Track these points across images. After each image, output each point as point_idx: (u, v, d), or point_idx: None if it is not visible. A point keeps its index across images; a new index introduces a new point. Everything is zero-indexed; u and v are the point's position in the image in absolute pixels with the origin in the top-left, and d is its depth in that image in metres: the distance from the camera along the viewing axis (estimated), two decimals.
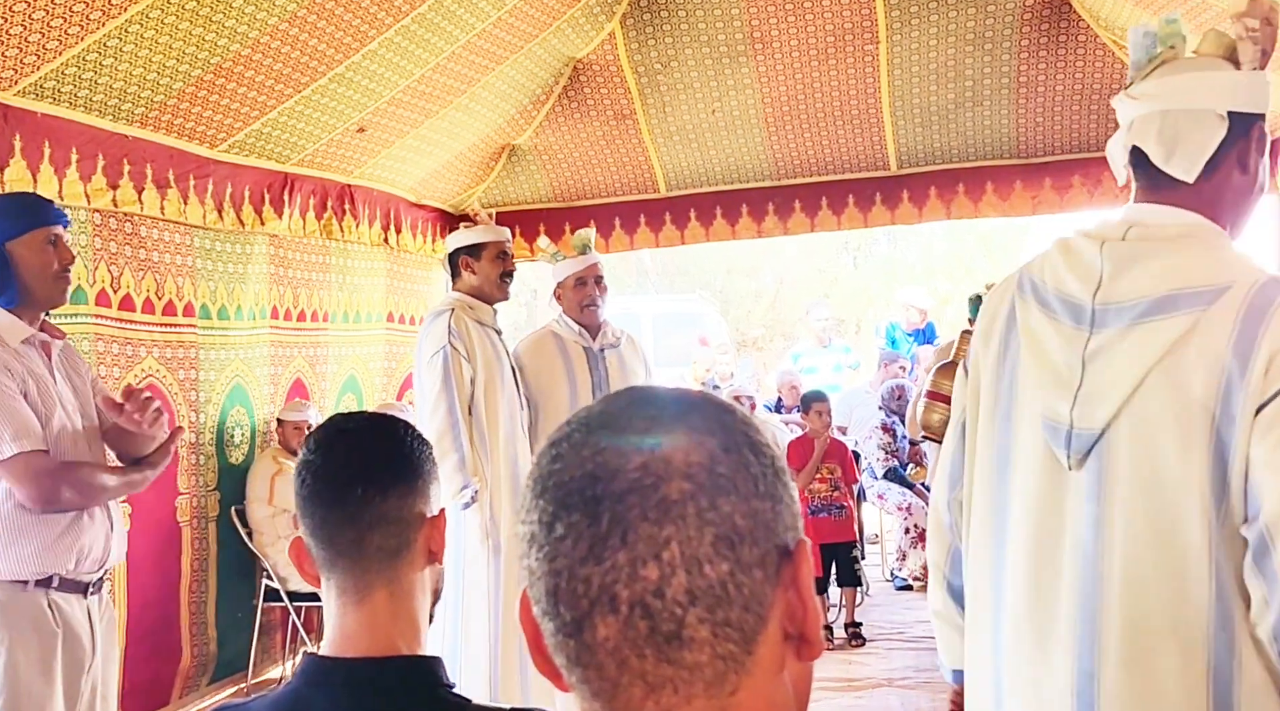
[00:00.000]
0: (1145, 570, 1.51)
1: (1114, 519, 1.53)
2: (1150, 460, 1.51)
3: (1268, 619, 1.42)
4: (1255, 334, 1.45)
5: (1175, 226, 1.60)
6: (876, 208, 6.43)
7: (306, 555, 1.36)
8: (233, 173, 4.69)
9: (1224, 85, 1.63)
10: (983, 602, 1.72)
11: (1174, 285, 1.52)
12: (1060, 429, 1.58)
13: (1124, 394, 1.52)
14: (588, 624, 0.67)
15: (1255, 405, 1.44)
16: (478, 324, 3.85)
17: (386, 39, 4.45)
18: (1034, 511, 1.62)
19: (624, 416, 0.71)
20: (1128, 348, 1.53)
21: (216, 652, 4.90)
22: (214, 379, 4.87)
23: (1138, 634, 1.51)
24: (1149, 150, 1.63)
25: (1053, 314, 1.63)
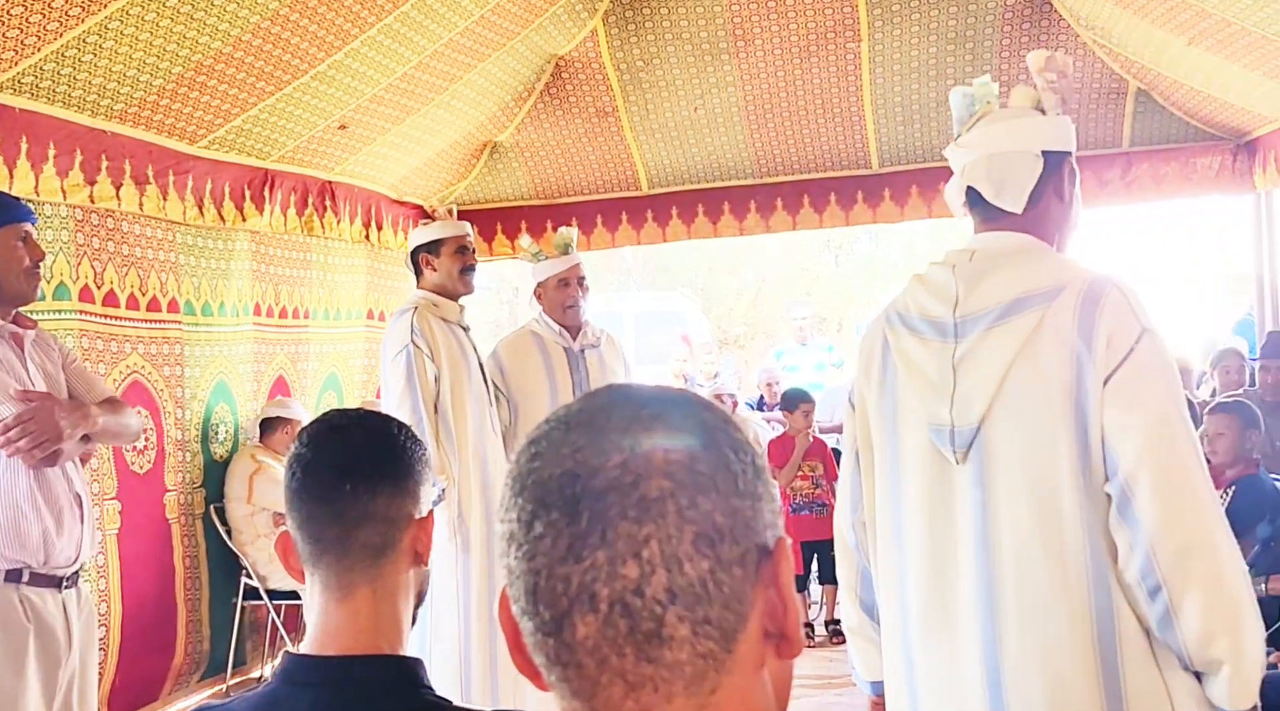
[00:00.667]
0: (1028, 539, 1.71)
1: (998, 498, 1.74)
2: (1022, 440, 1.73)
3: (1133, 562, 1.64)
4: (1093, 319, 1.70)
5: (1011, 246, 1.86)
6: (858, 206, 6.45)
7: (292, 549, 1.36)
8: (213, 169, 4.66)
9: (1036, 129, 1.91)
10: (893, 609, 1.89)
11: (1019, 291, 1.77)
12: (944, 429, 1.80)
13: (993, 388, 1.75)
14: (567, 622, 0.67)
15: (1103, 376, 1.67)
16: (442, 321, 3.82)
17: (369, 37, 4.44)
18: (927, 508, 1.82)
19: (603, 414, 0.71)
20: (989, 348, 1.76)
21: (209, 650, 4.88)
22: (199, 375, 4.85)
23: (1029, 598, 1.70)
24: (981, 189, 1.89)
25: (920, 335, 1.86)
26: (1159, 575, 1.61)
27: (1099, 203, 6.24)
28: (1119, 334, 1.69)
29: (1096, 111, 5.96)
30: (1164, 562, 1.60)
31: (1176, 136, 5.99)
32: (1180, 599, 1.59)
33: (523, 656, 0.72)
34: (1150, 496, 1.61)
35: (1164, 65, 5.45)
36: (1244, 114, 5.63)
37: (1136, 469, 1.63)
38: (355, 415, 1.46)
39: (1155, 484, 1.62)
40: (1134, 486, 1.63)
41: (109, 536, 4.28)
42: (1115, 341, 1.68)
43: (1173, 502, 1.61)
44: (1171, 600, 1.60)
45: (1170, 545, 1.60)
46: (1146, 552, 1.61)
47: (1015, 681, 1.70)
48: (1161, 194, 6.15)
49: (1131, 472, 1.63)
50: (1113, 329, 1.69)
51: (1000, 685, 1.72)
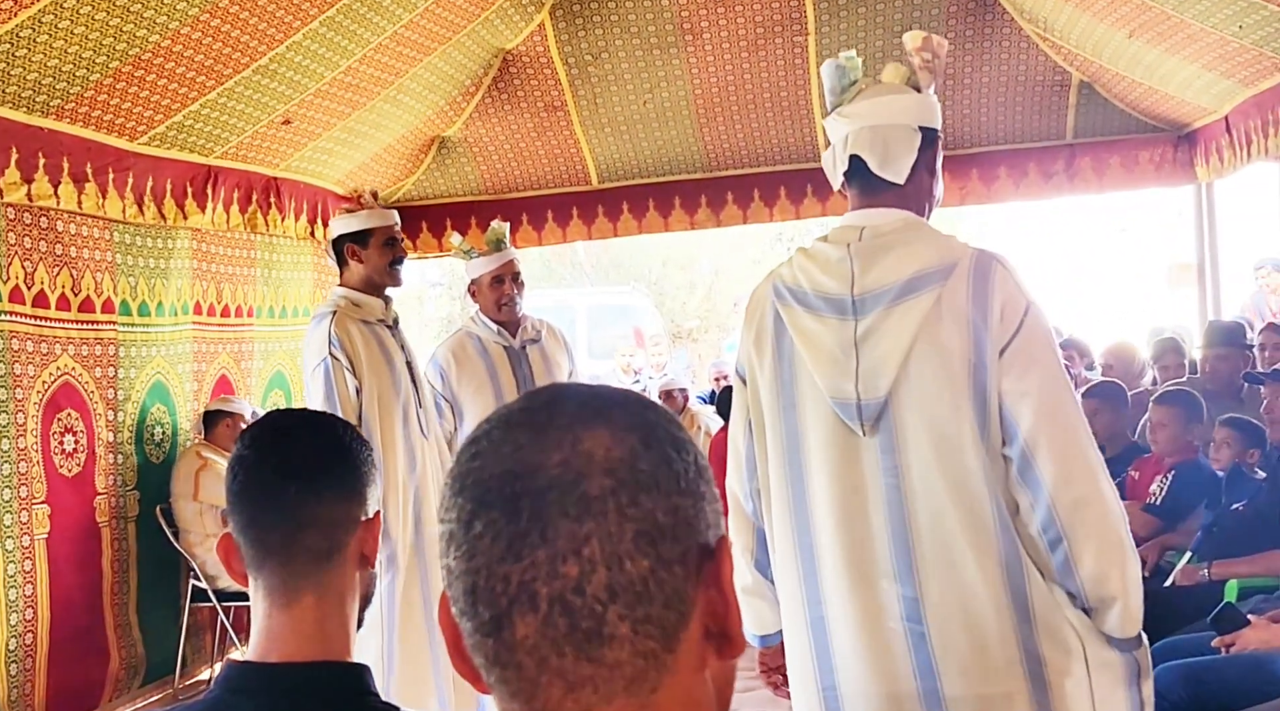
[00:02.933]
0: (940, 500, 1.83)
1: (909, 464, 1.85)
2: (928, 410, 1.84)
3: (1035, 517, 1.81)
4: (986, 294, 1.83)
5: (895, 223, 1.94)
6: (808, 199, 6.47)
7: (235, 552, 1.32)
8: (153, 165, 4.59)
9: (914, 105, 2.00)
10: (792, 573, 1.98)
11: (914, 268, 1.86)
12: (850, 403, 1.88)
13: (898, 362, 1.84)
14: (506, 622, 0.66)
15: (998, 348, 1.81)
16: (363, 324, 3.61)
17: (311, 30, 4.38)
18: (836, 477, 1.90)
19: (544, 413, 0.70)
20: (892, 325, 1.86)
21: (145, 655, 4.81)
22: (134, 376, 4.77)
23: (945, 554, 1.83)
24: (867, 158, 1.96)
25: (817, 312, 1.93)
26: (1059, 527, 1.79)
27: (1043, 194, 6.31)
28: (1010, 307, 1.83)
29: (1040, 104, 6.03)
30: (1063, 516, 1.78)
31: (1119, 128, 6.07)
32: (1078, 547, 1.78)
33: (462, 658, 0.71)
34: (1048, 457, 1.78)
35: (1106, 58, 5.52)
36: (1185, 106, 5.71)
37: (1034, 433, 1.79)
38: (299, 415, 1.43)
39: (1051, 446, 1.79)
40: (1034, 449, 1.79)
41: (37, 541, 4.21)
42: (1007, 314, 1.82)
43: (1067, 462, 1.78)
44: (1071, 549, 1.78)
45: (1066, 499, 1.77)
46: (1048, 507, 1.79)
47: (938, 627, 1.83)
48: (1105, 186, 6.23)
49: (1030, 437, 1.79)
50: (1004, 303, 1.83)
51: (924, 635, 1.84)
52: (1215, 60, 4.88)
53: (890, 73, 2.05)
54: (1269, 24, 4.24)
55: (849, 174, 2.00)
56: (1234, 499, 3.87)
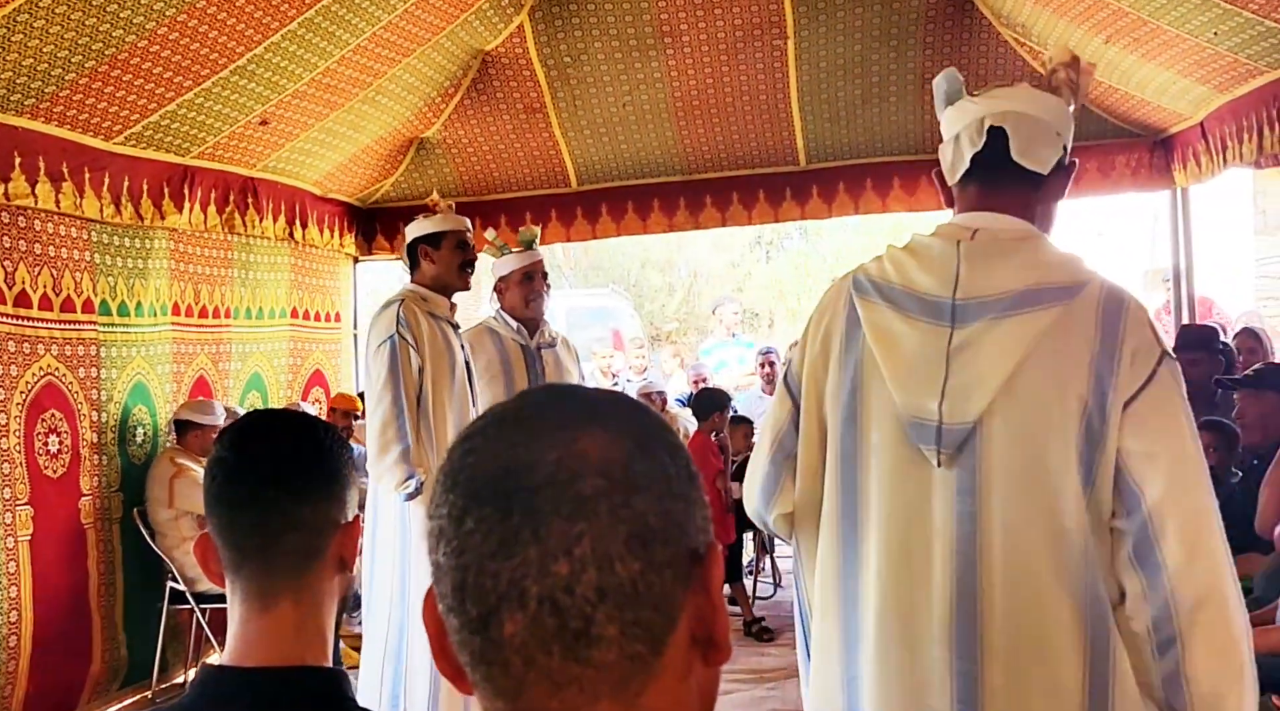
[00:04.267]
0: (1025, 561, 1.52)
1: (991, 510, 1.53)
2: (1027, 450, 1.53)
3: (1147, 610, 1.48)
4: (1117, 328, 1.53)
5: (1016, 231, 1.65)
6: (787, 202, 6.49)
7: (213, 553, 1.30)
8: (130, 165, 4.56)
9: (1060, 111, 1.71)
10: (831, 615, 1.68)
11: (1035, 280, 1.56)
12: (928, 425, 1.57)
13: (996, 385, 1.53)
14: (494, 620, 0.65)
15: (1124, 398, 1.50)
16: (429, 316, 3.75)
17: (290, 31, 4.36)
18: (896, 512, 1.60)
19: (540, 412, 0.70)
20: (997, 340, 1.55)
21: (127, 656, 4.78)
22: (115, 376, 4.74)
23: (1020, 631, 1.51)
24: (1011, 136, 1.65)
25: (906, 312, 1.62)
26: (1174, 627, 1.47)
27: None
28: (1143, 353, 1.53)
29: None
30: (1182, 614, 1.46)
31: (1096, 133, 6.10)
32: (1195, 656, 1.47)
33: (445, 657, 0.71)
34: (1177, 539, 1.47)
35: None
36: (1161, 112, 5.75)
37: (1162, 507, 1.48)
38: (279, 417, 1.41)
39: (1182, 526, 1.47)
40: (1160, 526, 1.47)
41: (21, 542, 4.18)
42: (1139, 360, 1.52)
43: (1197, 549, 1.47)
44: (1185, 657, 1.47)
45: (1189, 594, 1.46)
46: (1165, 601, 1.47)
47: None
48: (1082, 190, 6.26)
49: (1157, 510, 1.48)
50: (1137, 347, 1.53)
51: None
52: (1191, 66, 4.92)
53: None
54: (1244, 30, 4.27)
55: (978, 159, 1.68)
56: None
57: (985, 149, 1.67)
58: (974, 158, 1.67)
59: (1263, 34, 4.22)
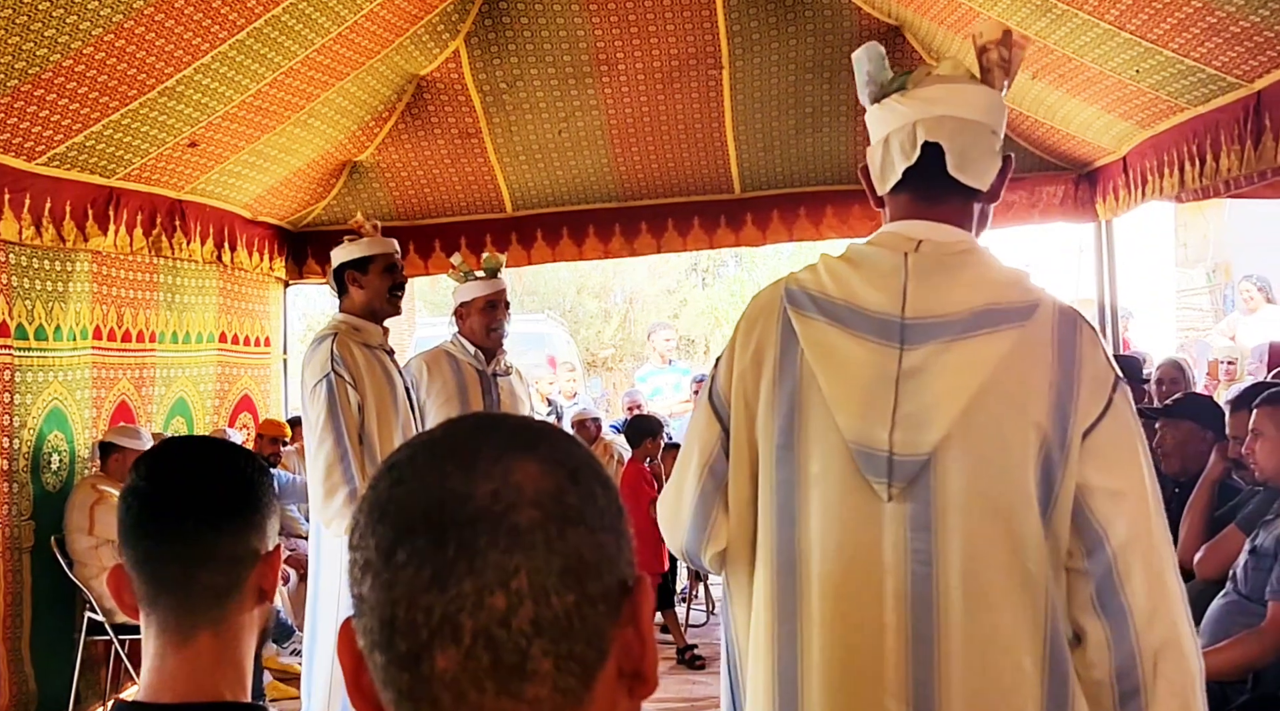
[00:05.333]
0: (985, 604, 1.40)
1: (948, 548, 1.41)
2: (986, 484, 1.41)
3: (1110, 657, 1.39)
4: (1074, 352, 1.43)
5: (960, 243, 1.52)
6: (721, 229, 6.53)
7: (126, 585, 1.26)
8: (53, 187, 4.45)
9: (995, 105, 1.58)
10: (764, 667, 1.52)
11: (988, 299, 1.45)
12: (877, 456, 1.43)
13: (953, 414, 1.40)
14: (426, 655, 0.64)
15: (1083, 428, 1.40)
16: (364, 346, 3.64)
17: (220, 53, 4.30)
18: (841, 551, 1.45)
19: (471, 442, 0.68)
20: (952, 365, 1.42)
21: (36, 690, 4.62)
22: (30, 402, 4.61)
23: (980, 681, 1.40)
24: (947, 149, 1.51)
25: (851, 329, 1.48)
26: (1139, 676, 1.38)
27: None
28: (1099, 379, 1.43)
29: None
30: (1146, 662, 1.37)
31: (1023, 166, 6.22)
32: (1157, 705, 1.38)
33: (362, 694, 0.69)
34: (1142, 582, 1.38)
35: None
36: (1085, 146, 5.89)
37: (1129, 548, 1.38)
38: (197, 444, 1.37)
39: (1148, 572, 1.38)
40: (1126, 569, 1.38)
41: None
42: (1096, 387, 1.42)
43: (1160, 595, 1.38)
44: (1148, 705, 1.38)
45: (1153, 641, 1.37)
46: (1131, 650, 1.38)
47: None
48: (1011, 220, 6.38)
49: (1123, 551, 1.38)
50: (1095, 371, 1.43)
51: None
52: (1114, 103, 5.04)
53: (949, 68, 1.63)
54: (1164, 69, 4.39)
55: (911, 172, 1.54)
56: None
57: (919, 163, 1.53)
58: (907, 170, 1.55)
59: (1182, 72, 4.34)
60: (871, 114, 1.63)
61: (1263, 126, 4.07)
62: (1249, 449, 3.42)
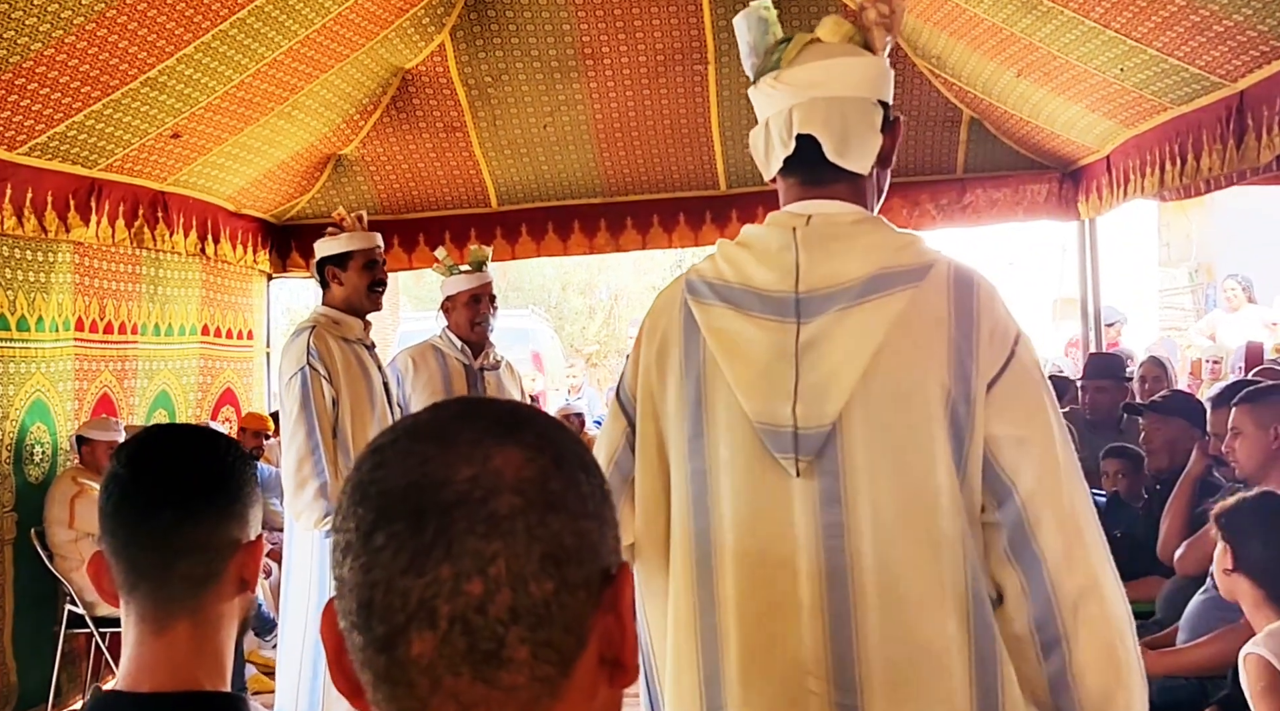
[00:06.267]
0: (899, 573, 1.38)
1: (859, 520, 1.39)
2: (892, 448, 1.39)
3: (1028, 608, 1.37)
4: (970, 308, 1.42)
5: (851, 214, 1.51)
6: (707, 225, 6.53)
7: (106, 572, 1.26)
8: (34, 177, 4.42)
9: (872, 72, 1.55)
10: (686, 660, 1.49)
11: (880, 264, 1.43)
12: (782, 432, 1.42)
13: (851, 381, 1.39)
14: (402, 639, 0.63)
15: (986, 380, 1.39)
16: (342, 341, 3.63)
17: (203, 43, 4.28)
18: (752, 530, 1.44)
19: (453, 426, 0.68)
20: (847, 331, 1.41)
21: (17, 683, 4.60)
22: (13, 393, 4.58)
23: (900, 650, 1.38)
24: (822, 139, 1.50)
25: (746, 311, 1.47)
26: (1058, 625, 1.35)
27: (936, 225, 6.46)
28: (999, 332, 1.42)
29: (932, 138, 6.18)
30: (1064, 610, 1.35)
31: (1008, 164, 6.24)
32: (1081, 655, 1.35)
33: (343, 674, 0.68)
34: (1054, 529, 1.36)
35: (995, 96, 5.68)
36: (1069, 144, 5.91)
37: (1036, 495, 1.37)
38: (179, 432, 1.36)
39: (1057, 514, 1.36)
40: (1035, 517, 1.36)
41: None
42: (996, 340, 1.41)
43: (1074, 539, 1.36)
44: (1071, 656, 1.35)
45: (1070, 588, 1.35)
46: (1047, 598, 1.36)
47: None
48: (995, 217, 6.40)
49: (1031, 499, 1.37)
50: (993, 325, 1.42)
51: None
52: (1098, 101, 5.06)
53: (830, 28, 1.59)
54: (1148, 68, 4.41)
55: (792, 160, 1.54)
56: (1113, 526, 3.98)
57: (797, 153, 1.53)
58: (787, 158, 1.54)
59: (1166, 71, 4.36)
60: (752, 94, 1.62)
61: (1245, 126, 4.09)
62: (1229, 446, 3.43)
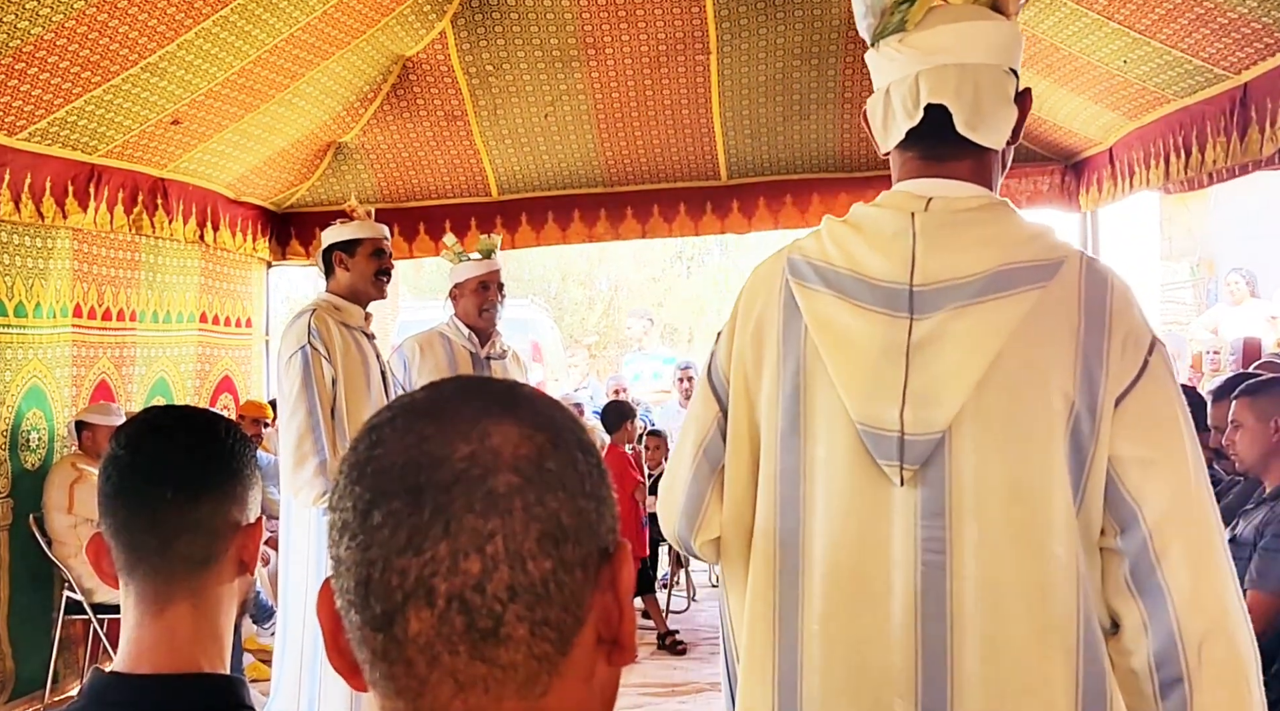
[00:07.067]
0: (1005, 596, 1.29)
1: (963, 536, 1.30)
2: (1007, 462, 1.29)
3: (1147, 643, 1.27)
4: (1103, 312, 1.30)
5: (976, 199, 1.39)
6: (707, 216, 6.53)
7: (105, 554, 1.25)
8: (33, 162, 4.42)
9: (1007, 39, 1.41)
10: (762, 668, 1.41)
11: (1004, 259, 1.32)
12: (888, 437, 1.32)
13: (967, 387, 1.29)
14: (400, 617, 0.63)
15: (1115, 394, 1.28)
16: (343, 326, 3.68)
17: (204, 29, 4.26)
18: (847, 540, 1.35)
19: (451, 405, 0.68)
20: (966, 331, 1.31)
21: (14, 669, 4.60)
22: (9, 379, 4.58)
23: (1000, 677, 1.29)
24: (954, 109, 1.38)
25: (856, 300, 1.36)
26: (1181, 664, 1.24)
27: None
28: (1133, 339, 1.30)
29: None
30: (1189, 649, 1.24)
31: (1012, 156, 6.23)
32: (1203, 695, 1.25)
33: (339, 652, 0.68)
34: (1182, 562, 1.25)
35: None
36: (1072, 136, 5.90)
37: (1165, 524, 1.26)
38: (178, 414, 1.35)
39: (1188, 547, 1.26)
40: (1163, 547, 1.25)
41: None
42: (1130, 348, 1.29)
43: (1203, 572, 1.26)
44: (1192, 696, 1.25)
45: (1197, 626, 1.24)
46: (1171, 633, 1.25)
47: None
48: None
49: (1159, 528, 1.26)
50: (1128, 331, 1.30)
51: None
52: (1101, 93, 5.05)
53: None
54: (1151, 59, 4.40)
55: (915, 132, 1.41)
56: None
57: (924, 121, 1.40)
58: (912, 128, 1.41)
59: (1170, 63, 4.35)
60: (870, 57, 1.48)
61: (1249, 118, 4.08)
62: (1229, 439, 3.43)
